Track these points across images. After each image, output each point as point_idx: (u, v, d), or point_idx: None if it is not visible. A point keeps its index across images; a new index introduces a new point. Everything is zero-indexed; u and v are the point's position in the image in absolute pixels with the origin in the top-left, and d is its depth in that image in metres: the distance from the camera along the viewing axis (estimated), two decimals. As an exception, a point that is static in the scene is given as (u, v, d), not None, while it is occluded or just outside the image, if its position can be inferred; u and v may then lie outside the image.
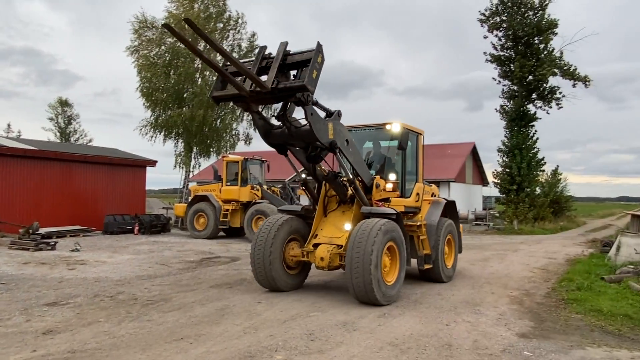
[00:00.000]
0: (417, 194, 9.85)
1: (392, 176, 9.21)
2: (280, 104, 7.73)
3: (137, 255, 13.29)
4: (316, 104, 7.68)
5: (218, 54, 7.33)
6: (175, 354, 5.12)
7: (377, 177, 8.86)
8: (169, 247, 15.62)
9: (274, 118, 7.94)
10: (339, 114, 8.05)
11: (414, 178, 10.00)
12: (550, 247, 18.22)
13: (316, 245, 8.45)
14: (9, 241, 14.56)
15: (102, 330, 6.04)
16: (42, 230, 16.57)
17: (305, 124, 7.53)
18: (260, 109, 8.08)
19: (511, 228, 27.16)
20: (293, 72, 7.47)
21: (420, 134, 10.18)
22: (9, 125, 65.75)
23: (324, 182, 8.81)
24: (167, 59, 26.73)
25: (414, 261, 9.72)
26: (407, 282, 9.79)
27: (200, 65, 27.52)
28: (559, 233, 27.32)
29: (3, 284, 8.80)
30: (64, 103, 64.04)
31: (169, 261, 12.33)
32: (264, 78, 7.13)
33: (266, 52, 7.46)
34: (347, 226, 8.42)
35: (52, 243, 14.41)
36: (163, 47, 26.87)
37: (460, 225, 11.63)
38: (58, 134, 63.22)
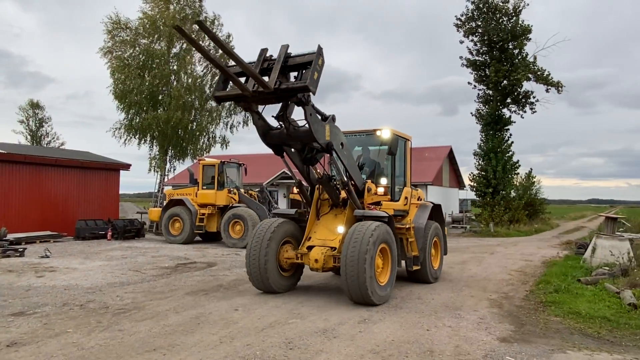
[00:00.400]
0: (406, 197, 10.10)
1: (384, 180, 9.56)
2: (275, 105, 7.99)
3: (110, 262, 12.90)
4: (313, 107, 7.89)
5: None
6: (147, 366, 4.88)
7: (369, 181, 9.15)
8: (143, 252, 15.23)
9: (273, 118, 8.06)
10: (333, 118, 8.30)
11: (403, 182, 10.27)
12: (526, 249, 18.41)
13: (310, 248, 8.65)
14: (-26, 248, 13.97)
15: (71, 341, 5.75)
16: (11, 236, 16.01)
17: (303, 125, 7.84)
18: (260, 109, 8.26)
19: (487, 230, 27.44)
20: (292, 74, 7.73)
21: (408, 140, 10.42)
22: (-24, 128, 63.67)
23: (317, 186, 9.05)
24: (142, 60, 26.18)
25: (404, 263, 9.93)
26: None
27: (175, 67, 27.07)
28: (534, 235, 27.71)
29: (-35, 294, 8.37)
30: (35, 105, 62.22)
31: (142, 267, 11.98)
32: (265, 79, 7.35)
33: (267, 55, 7.68)
34: (340, 229, 8.64)
35: (21, 249, 13.90)
36: (137, 49, 26.31)
37: (446, 227, 11.86)
38: (29, 137, 61.52)
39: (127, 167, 22.94)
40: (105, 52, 26.41)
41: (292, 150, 8.53)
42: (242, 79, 7.47)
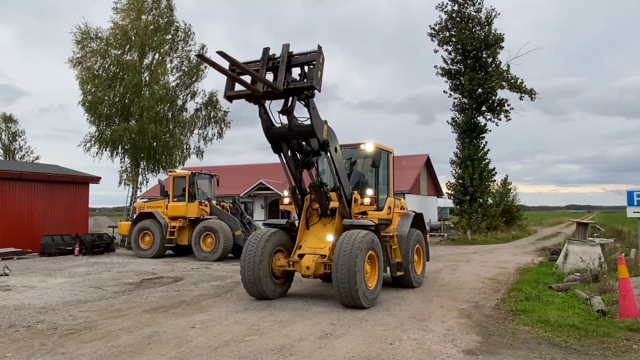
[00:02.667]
0: (389, 207, 10.54)
1: (370, 191, 9.98)
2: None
3: (72, 279, 12.37)
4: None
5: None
6: (80, 394, 4.50)
7: (355, 192, 9.55)
8: (109, 268, 14.70)
9: (278, 113, 8.62)
10: (325, 122, 8.74)
11: (386, 192, 10.77)
12: (502, 257, 18.34)
13: (301, 256, 9.10)
14: None
15: (5, 367, 5.34)
16: (-30, 254, 15.34)
17: (305, 120, 8.46)
18: (267, 103, 8.79)
19: (465, 238, 27.42)
20: (296, 70, 8.41)
21: (391, 152, 10.97)
22: (-54, 142, 61.87)
23: (306, 196, 9.55)
24: (112, 71, 25.68)
25: (388, 269, 10.38)
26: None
27: (148, 78, 26.61)
28: (511, 242, 27.76)
29: None
30: (7, 119, 60.88)
31: (105, 284, 11.50)
32: (270, 76, 8.27)
33: (270, 54, 8.32)
34: (330, 237, 9.15)
35: (-22, 268, 13.27)
36: (108, 59, 25.80)
37: (428, 235, 12.26)
38: (1, 151, 60.04)
39: (96, 180, 22.31)
40: (75, 63, 25.89)
41: (289, 154, 9.06)
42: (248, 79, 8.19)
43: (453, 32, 31.11)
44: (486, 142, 31.95)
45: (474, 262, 16.39)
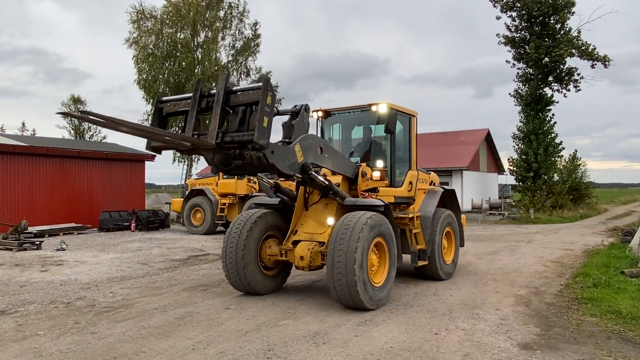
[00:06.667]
0: (410, 182, 8.85)
1: (380, 163, 8.28)
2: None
3: (122, 254, 12.57)
4: (278, 113, 6.87)
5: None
6: (95, 380, 4.28)
7: (363, 164, 7.88)
8: (160, 244, 14.89)
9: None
10: (306, 108, 7.00)
11: (407, 165, 9.00)
12: (568, 237, 17.04)
13: (296, 243, 7.47)
14: (-6, 241, 13.97)
15: (33, 346, 5.24)
16: (34, 229, 16.01)
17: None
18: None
19: (527, 217, 25.94)
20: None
21: (413, 116, 9.13)
22: (23, 124, 65.85)
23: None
24: (166, 49, 25.93)
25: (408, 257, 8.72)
26: (402, 279, 8.91)
27: (199, 55, 26.69)
28: (579, 221, 25.98)
29: (-42, 290, 8.10)
30: (76, 100, 63.76)
31: (152, 260, 11.57)
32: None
33: (204, 90, 6.35)
34: (330, 220, 7.44)
35: (38, 242, 13.79)
36: (161, 38, 26.06)
37: (463, 216, 10.60)
38: (72, 132, 63.21)
39: (152, 158, 22.78)
40: (131, 43, 26.35)
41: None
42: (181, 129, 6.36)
43: (517, -3, 28.96)
44: (553, 115, 29.89)
45: (536, 243, 15.29)
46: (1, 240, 13.87)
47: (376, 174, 7.79)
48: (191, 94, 6.34)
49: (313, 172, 6.87)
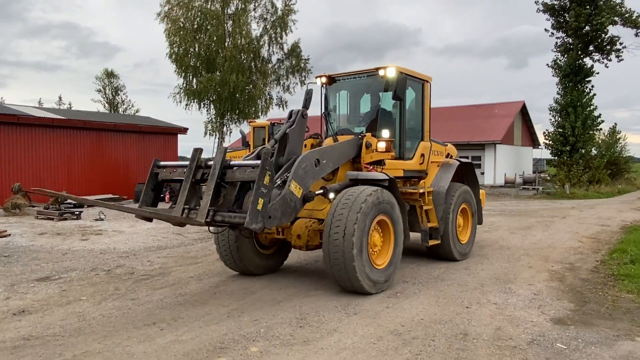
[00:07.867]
0: (422, 154, 8.21)
1: (386, 133, 7.50)
2: None
3: (158, 225, 12.86)
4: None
5: None
6: (136, 344, 4.47)
7: (368, 134, 7.32)
8: (193, 215, 15.21)
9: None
10: (303, 115, 6.57)
11: (418, 136, 8.30)
12: (604, 213, 16.61)
13: (293, 220, 6.62)
14: (37, 211, 14.56)
15: (77, 311, 5.50)
16: (73, 200, 16.59)
17: None
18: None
19: (563, 192, 25.36)
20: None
21: (427, 82, 8.36)
22: (60, 97, 67.63)
23: (306, 140, 7.42)
24: (197, 22, 25.99)
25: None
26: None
27: (230, 29, 26.65)
28: (616, 197, 25.24)
29: (6, 257, 8.51)
30: (110, 74, 64.79)
31: (186, 230, 11.86)
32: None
33: (201, 161, 5.83)
34: (332, 196, 6.67)
35: (77, 212, 14.30)
36: (192, 10, 26.10)
37: (482, 191, 9.90)
38: (107, 105, 64.58)
39: (184, 131, 23.11)
40: (162, 17, 26.49)
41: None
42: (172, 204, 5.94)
43: (558, -38, 27.73)
44: (592, 87, 28.83)
45: (571, 218, 14.97)
46: (43, 209, 14.45)
47: (381, 145, 7.19)
48: (187, 162, 5.85)
49: (314, 195, 6.24)
